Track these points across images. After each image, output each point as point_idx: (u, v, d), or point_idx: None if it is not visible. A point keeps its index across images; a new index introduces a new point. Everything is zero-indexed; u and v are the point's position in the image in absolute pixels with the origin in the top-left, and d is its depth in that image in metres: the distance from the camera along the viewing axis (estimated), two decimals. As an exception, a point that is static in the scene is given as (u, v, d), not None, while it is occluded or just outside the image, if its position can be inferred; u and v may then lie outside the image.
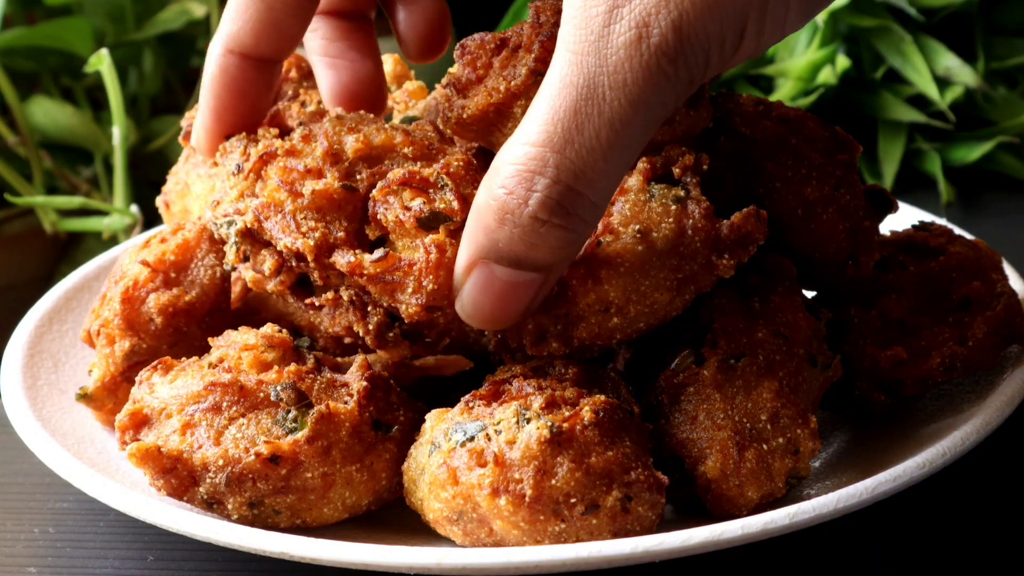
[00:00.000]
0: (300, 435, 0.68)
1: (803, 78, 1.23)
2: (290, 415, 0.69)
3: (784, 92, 1.24)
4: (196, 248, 0.79)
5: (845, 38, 1.25)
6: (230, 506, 0.68)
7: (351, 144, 0.64)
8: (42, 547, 0.77)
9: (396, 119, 0.80)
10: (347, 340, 0.68)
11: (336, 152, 0.64)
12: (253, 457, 0.68)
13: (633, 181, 0.68)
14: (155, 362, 0.73)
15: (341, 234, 0.62)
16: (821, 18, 1.21)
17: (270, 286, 0.64)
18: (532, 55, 0.67)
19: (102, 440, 0.79)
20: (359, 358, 0.72)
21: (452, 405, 0.70)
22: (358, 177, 0.64)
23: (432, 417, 0.69)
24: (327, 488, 0.69)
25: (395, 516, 0.73)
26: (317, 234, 0.62)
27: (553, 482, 0.63)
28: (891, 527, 0.74)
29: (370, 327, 0.63)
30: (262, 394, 0.70)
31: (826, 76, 1.21)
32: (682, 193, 0.68)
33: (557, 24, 0.67)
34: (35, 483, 0.83)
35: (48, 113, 1.25)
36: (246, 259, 0.66)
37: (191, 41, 1.43)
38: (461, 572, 0.63)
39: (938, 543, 0.73)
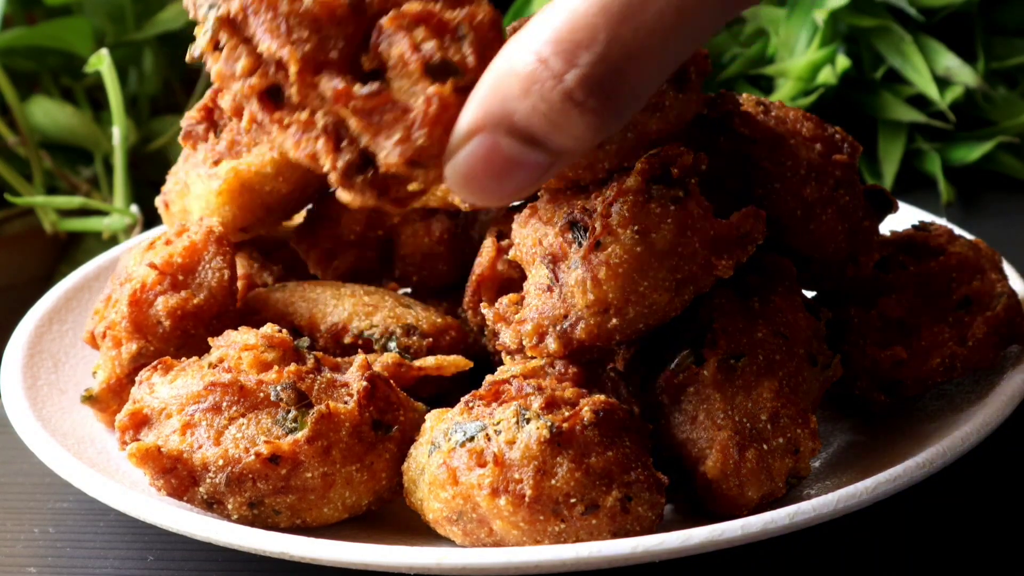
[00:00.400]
0: (300, 435, 0.68)
1: (803, 78, 1.23)
2: (290, 415, 0.69)
3: (784, 92, 1.24)
4: (203, 251, 0.79)
5: (845, 38, 1.25)
6: (230, 506, 0.68)
7: None
8: (42, 547, 0.77)
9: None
10: (306, 163, 0.58)
11: None
12: (253, 457, 0.68)
13: (631, 181, 0.68)
14: (155, 362, 0.73)
15: (334, 54, 0.55)
16: (821, 18, 1.21)
17: (236, 86, 0.56)
18: None
19: (102, 440, 0.79)
20: (359, 358, 0.72)
21: (452, 405, 0.70)
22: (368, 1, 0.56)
23: (432, 417, 0.69)
24: (327, 488, 0.69)
25: (395, 516, 0.73)
26: (308, 47, 0.55)
27: (553, 482, 0.63)
28: (891, 527, 0.74)
29: (339, 164, 0.55)
30: (262, 394, 0.70)
31: (826, 76, 1.21)
32: (681, 194, 0.68)
33: None
34: (35, 483, 0.83)
35: (48, 113, 1.25)
36: (217, 49, 0.58)
37: (191, 41, 1.43)
38: (461, 572, 0.63)
39: (938, 543, 0.73)
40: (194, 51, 0.58)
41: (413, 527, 0.71)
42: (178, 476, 0.68)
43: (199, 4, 0.57)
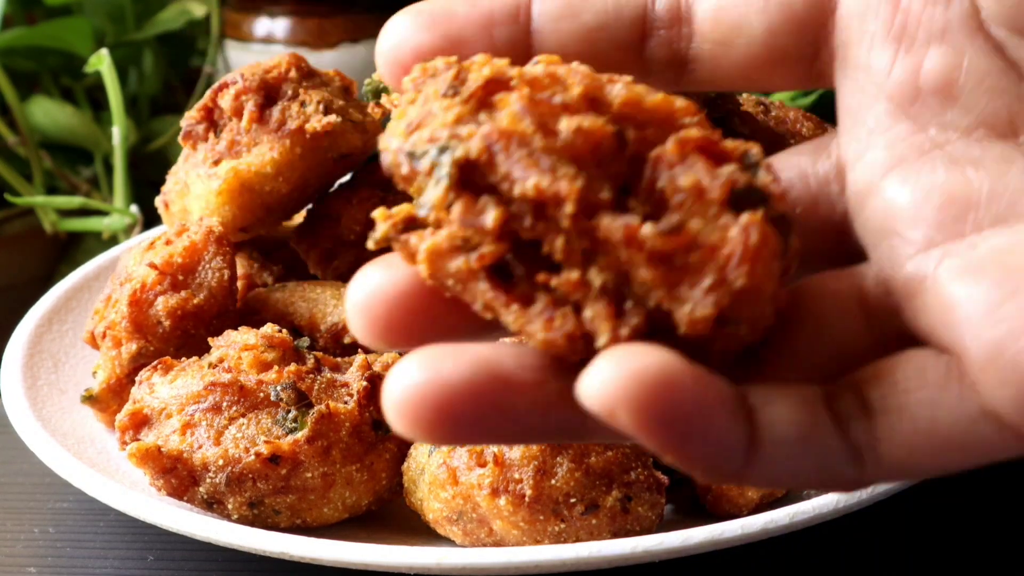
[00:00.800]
0: (300, 435, 0.68)
1: (803, 78, 1.23)
2: (290, 415, 0.69)
3: (784, 92, 1.24)
4: (203, 251, 0.79)
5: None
6: (230, 506, 0.68)
7: (618, 92, 0.44)
8: (42, 547, 0.77)
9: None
10: (568, 354, 0.42)
11: (597, 97, 0.44)
12: (253, 457, 0.68)
13: None
14: (155, 362, 0.73)
15: (605, 194, 0.42)
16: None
17: (465, 261, 0.42)
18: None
19: (102, 440, 0.79)
20: (359, 358, 0.72)
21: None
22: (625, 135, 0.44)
23: (433, 417, 0.69)
24: (327, 488, 0.69)
25: (395, 516, 0.73)
26: (579, 183, 0.41)
27: (553, 482, 0.63)
28: (891, 527, 0.74)
29: (622, 332, 0.41)
30: (262, 394, 0.70)
31: (826, 76, 1.21)
32: None
33: None
34: (35, 483, 0.83)
35: (48, 113, 1.25)
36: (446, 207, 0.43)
37: (191, 41, 1.43)
38: (461, 572, 0.63)
39: (938, 543, 0.73)
40: (420, 209, 0.42)
41: (413, 527, 0.71)
42: (178, 476, 0.69)
43: (421, 154, 0.42)
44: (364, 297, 0.41)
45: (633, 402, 0.36)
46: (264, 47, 1.32)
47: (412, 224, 0.42)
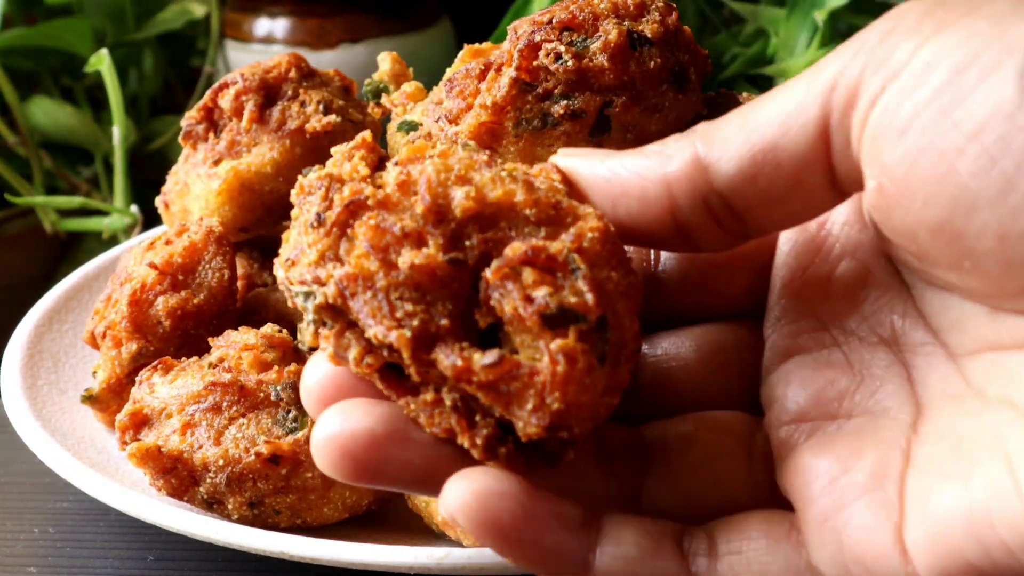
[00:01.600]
0: (300, 435, 0.68)
1: (803, 78, 1.23)
2: (290, 415, 0.69)
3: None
4: (203, 251, 0.79)
5: (845, 38, 1.25)
6: (230, 506, 0.68)
7: (460, 200, 0.49)
8: (42, 547, 0.77)
9: (395, 122, 0.80)
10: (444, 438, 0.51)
11: (440, 209, 0.49)
12: (253, 457, 0.68)
13: None
14: (155, 362, 0.74)
15: (444, 321, 0.48)
16: (821, 18, 1.21)
17: (353, 369, 0.51)
18: (512, 66, 0.67)
19: (102, 440, 0.79)
20: (359, 358, 0.73)
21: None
22: (467, 244, 0.49)
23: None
24: (327, 488, 0.69)
25: (395, 516, 0.73)
26: (415, 321, 0.48)
27: None
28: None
29: (477, 440, 0.49)
30: (262, 394, 0.70)
31: (826, 76, 1.21)
32: None
33: (534, 32, 0.67)
34: (35, 483, 0.83)
35: (48, 113, 1.25)
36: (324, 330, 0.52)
37: (191, 41, 1.43)
38: (461, 572, 0.63)
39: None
40: (302, 343, 0.52)
41: (413, 527, 0.71)
42: (178, 476, 0.69)
43: (295, 293, 0.50)
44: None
45: (468, 516, 0.46)
46: (264, 47, 1.32)
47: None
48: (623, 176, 0.49)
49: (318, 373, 0.50)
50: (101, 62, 1.11)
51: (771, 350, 0.52)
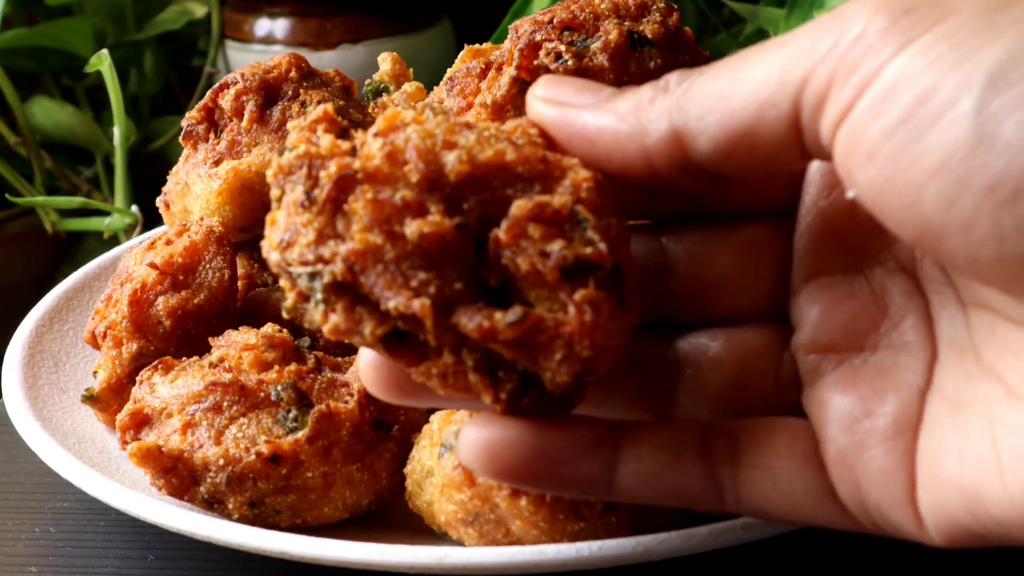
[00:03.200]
0: (301, 434, 0.68)
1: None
2: (291, 415, 0.69)
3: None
4: (204, 251, 0.79)
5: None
6: (231, 505, 0.69)
7: (452, 164, 0.49)
8: (42, 546, 0.77)
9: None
10: (461, 398, 0.52)
11: (434, 175, 0.49)
12: (254, 456, 0.68)
13: None
14: (156, 362, 0.74)
15: (458, 285, 0.48)
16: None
17: (365, 342, 0.50)
18: (513, 65, 0.67)
19: (102, 440, 0.79)
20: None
21: (452, 405, 0.70)
22: (464, 207, 0.50)
23: (438, 419, 0.69)
24: (328, 487, 0.69)
25: (395, 516, 0.73)
26: (432, 288, 0.48)
27: None
28: (891, 527, 0.74)
29: (502, 395, 0.49)
30: (263, 394, 0.70)
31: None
32: None
33: (535, 31, 0.67)
34: (35, 483, 0.83)
35: (48, 113, 1.25)
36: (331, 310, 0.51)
37: (191, 41, 1.43)
38: (461, 572, 0.63)
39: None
40: (310, 321, 0.50)
41: (413, 527, 0.71)
42: (179, 476, 0.69)
43: (296, 275, 0.49)
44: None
45: (484, 468, 0.50)
46: (264, 47, 1.32)
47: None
48: (602, 143, 0.50)
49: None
50: (101, 62, 1.11)
51: (798, 265, 0.53)
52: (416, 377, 0.49)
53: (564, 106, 0.52)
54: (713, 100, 0.48)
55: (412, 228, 0.48)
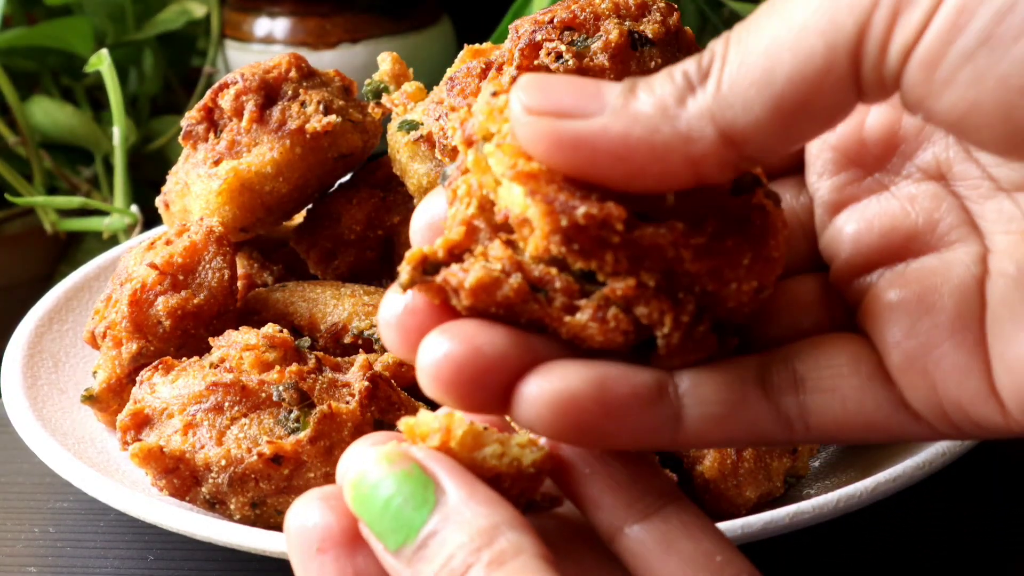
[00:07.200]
0: (303, 435, 0.68)
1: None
2: (292, 415, 0.69)
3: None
4: (203, 251, 0.79)
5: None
6: (232, 506, 0.68)
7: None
8: (42, 547, 0.77)
9: (395, 122, 0.80)
10: (622, 347, 0.47)
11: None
12: (256, 457, 0.68)
13: None
14: (156, 362, 0.74)
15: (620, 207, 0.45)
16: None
17: (510, 288, 0.45)
18: (513, 65, 0.67)
19: (102, 440, 0.79)
20: (360, 358, 0.72)
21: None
22: None
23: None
24: (328, 488, 0.69)
25: (395, 516, 0.73)
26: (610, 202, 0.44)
27: None
28: (891, 527, 0.74)
29: (683, 318, 0.45)
30: (264, 394, 0.70)
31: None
32: None
33: (535, 31, 0.67)
34: (35, 483, 0.83)
35: (48, 113, 1.25)
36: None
37: (191, 41, 1.43)
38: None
39: (938, 543, 0.73)
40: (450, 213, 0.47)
41: (413, 527, 0.71)
42: (180, 476, 0.69)
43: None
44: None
45: (548, 428, 0.45)
46: (264, 47, 1.32)
47: (430, 266, 0.46)
48: (636, 160, 0.45)
49: (396, 307, 0.47)
50: (101, 62, 1.11)
51: (821, 206, 0.51)
52: (569, 325, 0.45)
53: (568, 118, 0.44)
54: (756, 79, 0.43)
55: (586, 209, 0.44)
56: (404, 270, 0.46)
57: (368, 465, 0.45)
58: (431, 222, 0.49)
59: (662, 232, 0.44)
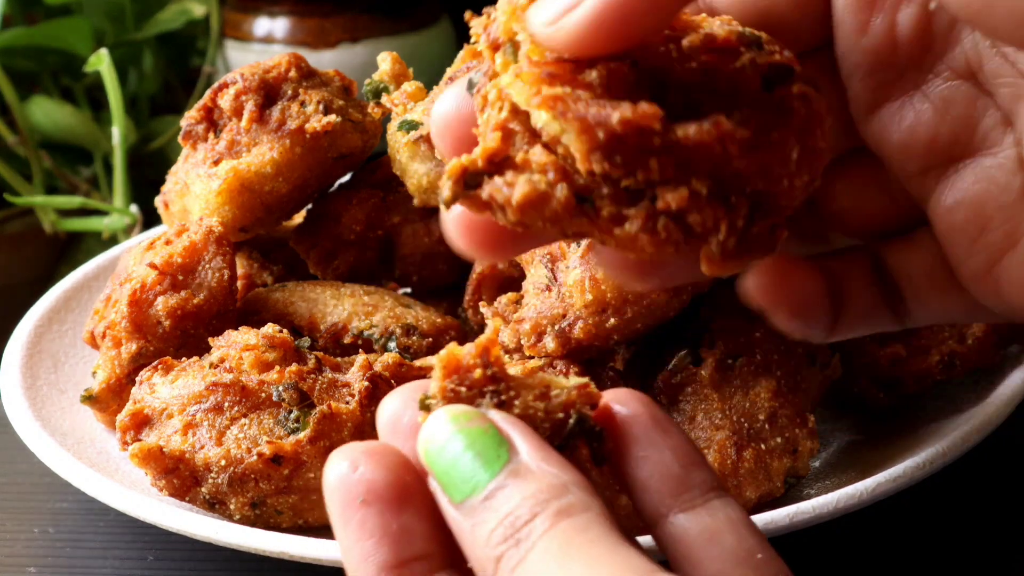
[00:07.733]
0: (302, 435, 0.68)
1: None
2: (292, 415, 0.69)
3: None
4: (203, 251, 0.79)
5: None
6: (232, 506, 0.68)
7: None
8: (42, 547, 0.77)
9: (395, 122, 0.80)
10: (666, 254, 0.44)
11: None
12: (255, 457, 0.68)
13: None
14: (155, 362, 0.73)
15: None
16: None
17: (558, 202, 0.43)
18: None
19: (102, 440, 0.79)
20: (360, 358, 0.72)
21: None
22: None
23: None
24: (327, 488, 0.69)
25: (395, 516, 0.73)
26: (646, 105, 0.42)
27: None
28: (891, 527, 0.74)
29: (738, 223, 0.43)
30: (264, 394, 0.70)
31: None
32: None
33: None
34: (35, 483, 0.83)
35: (48, 113, 1.25)
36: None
37: (191, 41, 1.43)
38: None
39: (938, 543, 0.73)
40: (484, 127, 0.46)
41: (413, 527, 0.71)
42: (180, 476, 0.69)
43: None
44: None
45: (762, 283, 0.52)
46: (264, 47, 1.32)
47: (471, 178, 0.44)
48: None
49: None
50: (101, 62, 1.11)
51: (855, 101, 0.52)
52: (619, 238, 0.43)
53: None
54: None
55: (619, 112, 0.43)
56: (445, 185, 0.44)
57: (440, 422, 0.46)
58: (446, 120, 0.50)
59: (706, 128, 0.42)
